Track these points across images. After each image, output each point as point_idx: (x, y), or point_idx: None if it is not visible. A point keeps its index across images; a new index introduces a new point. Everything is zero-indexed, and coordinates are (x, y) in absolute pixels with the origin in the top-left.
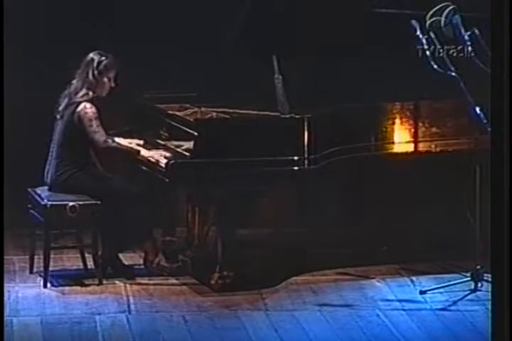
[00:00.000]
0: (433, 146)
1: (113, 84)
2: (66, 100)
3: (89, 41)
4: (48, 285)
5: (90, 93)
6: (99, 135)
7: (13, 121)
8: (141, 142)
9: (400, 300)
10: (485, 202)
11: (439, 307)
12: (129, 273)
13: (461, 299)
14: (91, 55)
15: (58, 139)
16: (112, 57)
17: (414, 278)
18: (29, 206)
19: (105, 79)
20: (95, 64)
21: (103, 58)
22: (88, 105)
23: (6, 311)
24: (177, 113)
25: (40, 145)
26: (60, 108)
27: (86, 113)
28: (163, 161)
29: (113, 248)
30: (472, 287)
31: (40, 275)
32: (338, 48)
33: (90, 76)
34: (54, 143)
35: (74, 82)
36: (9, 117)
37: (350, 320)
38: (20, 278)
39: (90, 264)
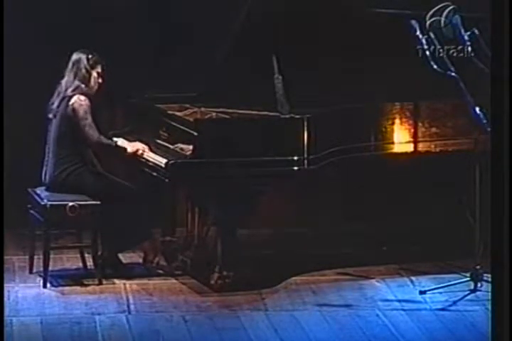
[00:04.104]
0: (433, 146)
1: (100, 80)
2: (58, 98)
3: (89, 41)
4: (48, 285)
5: (82, 86)
6: (92, 131)
7: (13, 121)
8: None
9: (399, 300)
10: (485, 202)
11: (439, 307)
12: (128, 273)
13: (460, 299)
14: (78, 53)
15: (54, 137)
16: (97, 55)
17: (413, 278)
18: (29, 206)
19: (95, 74)
20: (85, 60)
21: (90, 56)
22: (82, 97)
23: (6, 311)
24: (177, 113)
25: (41, 145)
26: (54, 106)
27: (81, 105)
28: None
29: (113, 248)
30: (472, 287)
31: (40, 276)
32: (338, 48)
33: (83, 70)
34: (49, 143)
35: (64, 80)
36: (9, 117)
37: (349, 320)
38: (20, 278)
39: (90, 264)
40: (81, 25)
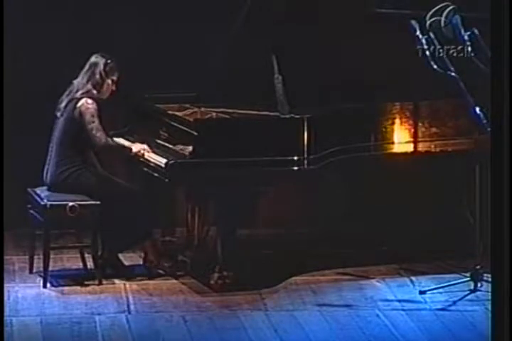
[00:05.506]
0: (433, 146)
1: (114, 88)
2: (67, 98)
3: (90, 41)
4: (48, 285)
5: (94, 91)
6: (100, 133)
7: (13, 121)
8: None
9: (399, 300)
10: (485, 202)
11: (439, 307)
12: (128, 273)
13: (460, 299)
14: (97, 56)
15: (58, 137)
16: (115, 61)
17: (413, 278)
18: (29, 206)
19: (109, 81)
20: (102, 65)
21: (109, 61)
22: (90, 101)
23: (6, 311)
24: (177, 113)
25: (40, 145)
26: (61, 105)
27: (88, 108)
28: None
29: (113, 248)
30: (472, 287)
31: (40, 276)
32: (338, 48)
33: (97, 76)
34: (53, 142)
35: (76, 81)
36: (9, 117)
37: (349, 320)
38: (20, 278)
39: (90, 264)
40: (80, 24)
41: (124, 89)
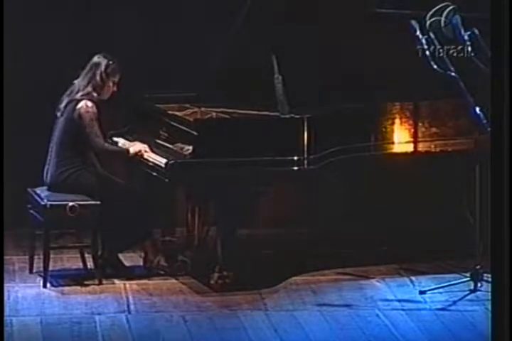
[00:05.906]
0: (433, 146)
1: (115, 89)
2: (68, 98)
3: (89, 41)
4: (48, 285)
5: (94, 94)
6: (98, 140)
7: (13, 121)
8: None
9: (399, 300)
10: (485, 202)
11: (439, 307)
12: (128, 273)
13: (460, 299)
14: (99, 57)
15: (58, 137)
16: (117, 62)
17: (413, 278)
18: (29, 206)
19: (110, 83)
20: (103, 67)
21: (111, 62)
22: (89, 103)
23: (6, 311)
24: (177, 113)
25: (40, 145)
26: (61, 105)
27: (87, 111)
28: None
29: (113, 248)
30: (472, 287)
31: (40, 276)
32: (338, 48)
33: (98, 77)
34: (53, 142)
35: (77, 81)
36: (9, 117)
37: (349, 320)
38: (20, 278)
39: (90, 264)
40: (81, 24)
41: (124, 89)
